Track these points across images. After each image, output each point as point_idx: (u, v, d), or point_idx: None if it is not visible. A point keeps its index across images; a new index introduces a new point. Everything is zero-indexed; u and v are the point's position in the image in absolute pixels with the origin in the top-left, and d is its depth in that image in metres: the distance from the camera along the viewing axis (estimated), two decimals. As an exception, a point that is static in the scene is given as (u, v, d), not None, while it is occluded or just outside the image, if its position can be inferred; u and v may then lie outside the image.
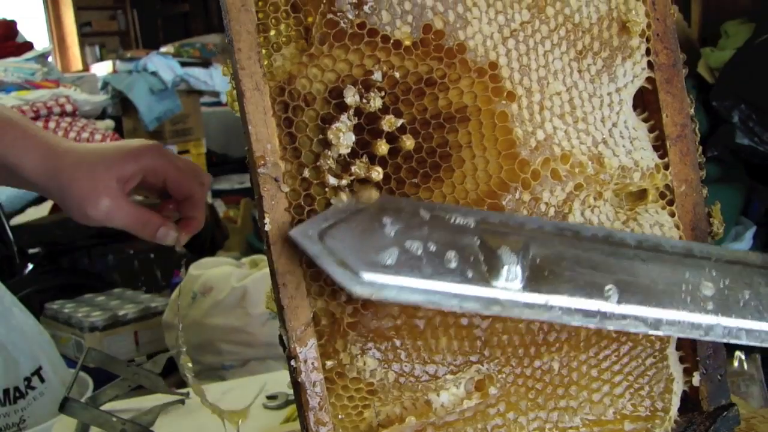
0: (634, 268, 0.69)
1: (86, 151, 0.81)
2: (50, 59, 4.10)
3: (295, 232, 0.62)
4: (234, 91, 0.69)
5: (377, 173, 0.67)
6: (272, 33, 0.68)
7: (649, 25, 0.78)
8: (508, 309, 0.64)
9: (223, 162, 4.99)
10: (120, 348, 2.29)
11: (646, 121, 0.80)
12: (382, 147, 0.68)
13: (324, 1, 0.67)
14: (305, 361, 0.66)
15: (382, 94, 0.68)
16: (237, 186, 4.83)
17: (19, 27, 3.75)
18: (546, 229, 0.68)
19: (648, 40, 0.79)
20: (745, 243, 2.71)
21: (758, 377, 1.86)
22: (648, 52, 0.79)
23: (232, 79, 0.69)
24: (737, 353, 1.87)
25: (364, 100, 0.68)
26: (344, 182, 0.67)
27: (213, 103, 5.03)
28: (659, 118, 0.79)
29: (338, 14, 0.67)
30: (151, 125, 4.33)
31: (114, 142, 1.00)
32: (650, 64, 0.79)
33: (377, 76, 0.68)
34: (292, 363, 0.66)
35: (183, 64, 4.61)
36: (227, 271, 2.13)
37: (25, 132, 0.81)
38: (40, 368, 1.62)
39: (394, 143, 0.69)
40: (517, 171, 0.71)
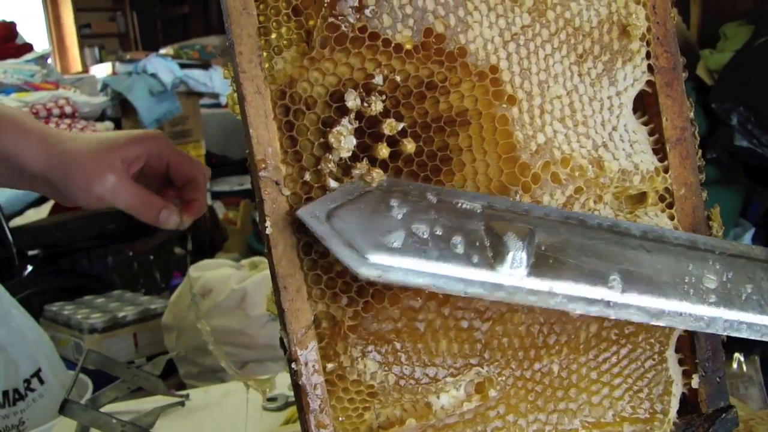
0: (638, 258, 0.70)
1: (89, 137, 0.82)
2: (50, 61, 4.09)
3: (302, 212, 0.62)
4: (235, 94, 0.69)
5: (378, 175, 0.67)
6: (273, 36, 0.68)
7: (649, 29, 0.79)
8: (512, 295, 0.64)
9: (223, 164, 4.97)
10: (119, 350, 2.29)
11: (646, 124, 0.80)
12: (383, 150, 0.68)
13: (325, 5, 0.67)
14: (306, 364, 0.66)
15: (383, 97, 0.69)
16: (236, 188, 4.83)
17: (19, 28, 3.75)
18: (552, 217, 0.69)
19: (648, 43, 0.79)
20: (744, 245, 2.71)
21: (757, 379, 1.86)
22: (648, 56, 0.79)
23: (233, 82, 0.69)
24: (736, 355, 1.87)
25: (365, 104, 0.68)
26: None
27: (212, 105, 5.02)
28: (659, 122, 0.79)
29: (339, 18, 0.68)
30: (150, 127, 4.30)
31: (117, 131, 1.01)
32: (650, 68, 0.79)
33: (378, 79, 0.69)
34: (293, 366, 0.66)
35: (182, 66, 4.60)
36: (227, 273, 2.13)
37: (25, 125, 0.82)
38: (40, 370, 1.62)
39: (395, 147, 0.69)
40: (517, 174, 0.71)
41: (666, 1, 0.79)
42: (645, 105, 0.81)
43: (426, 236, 0.62)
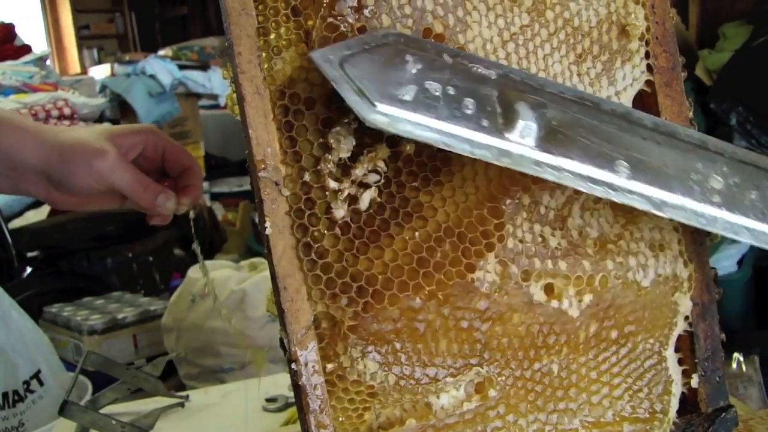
0: (647, 147, 0.69)
1: (86, 128, 0.83)
2: (48, 62, 4.08)
3: (315, 54, 0.61)
4: (234, 95, 0.69)
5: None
6: (272, 36, 0.68)
7: (648, 29, 0.79)
8: (518, 162, 0.63)
9: (222, 165, 4.98)
10: (119, 351, 2.29)
11: (645, 124, 0.80)
12: (383, 151, 0.68)
13: (324, 5, 0.67)
14: (306, 364, 0.66)
15: (383, 97, 0.68)
16: (235, 189, 4.83)
17: (17, 30, 3.75)
18: (566, 95, 0.68)
19: (647, 43, 0.79)
20: (743, 245, 2.72)
21: (756, 379, 1.86)
22: (647, 56, 0.79)
23: (232, 83, 0.69)
24: (735, 355, 1.87)
25: (365, 104, 0.68)
26: (345, 185, 0.67)
27: (211, 106, 5.02)
28: (658, 121, 0.79)
29: (338, 18, 0.68)
30: (149, 128, 4.31)
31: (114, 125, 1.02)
32: (649, 68, 0.79)
33: (377, 80, 0.68)
34: (293, 366, 0.66)
35: (181, 67, 4.61)
36: (226, 274, 2.13)
37: (22, 123, 0.83)
38: (39, 372, 1.62)
39: (395, 147, 0.69)
40: (517, 175, 0.71)
41: (665, 1, 0.79)
42: (644, 105, 0.80)
43: (438, 93, 0.61)
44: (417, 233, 0.69)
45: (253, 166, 0.66)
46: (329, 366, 0.68)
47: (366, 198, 0.68)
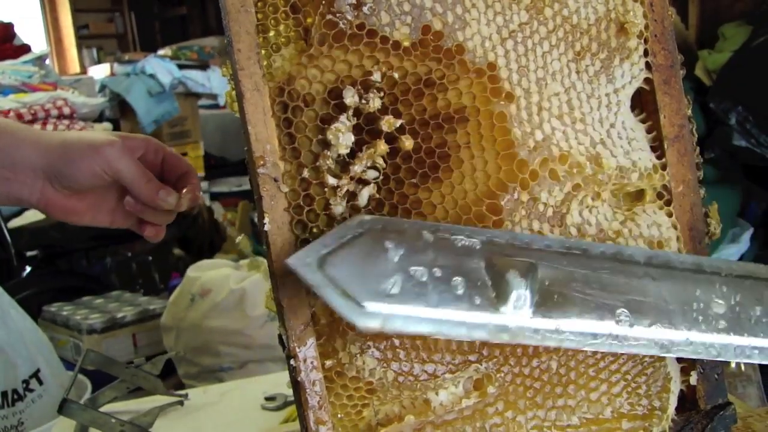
0: (644, 287, 0.69)
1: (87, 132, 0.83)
2: (48, 62, 4.08)
3: (293, 261, 0.58)
4: (233, 92, 0.69)
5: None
6: (272, 34, 0.68)
7: (647, 27, 0.79)
8: (518, 336, 0.62)
9: (221, 165, 4.97)
10: (118, 350, 2.29)
11: (643, 121, 0.80)
12: (381, 147, 0.68)
13: (323, 2, 0.68)
14: (304, 360, 0.66)
15: (381, 94, 0.69)
16: (235, 189, 4.82)
17: (17, 29, 3.74)
18: (554, 248, 0.67)
19: (646, 41, 0.79)
20: (743, 245, 2.72)
21: (755, 378, 1.86)
22: (646, 54, 0.79)
23: (231, 80, 0.69)
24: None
25: (364, 101, 0.68)
26: (344, 181, 0.67)
27: (211, 106, 5.01)
28: (657, 119, 0.80)
29: (337, 15, 0.68)
30: (148, 128, 4.31)
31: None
32: (648, 65, 0.79)
33: (376, 76, 0.69)
34: (292, 362, 0.66)
35: (181, 67, 4.60)
36: (225, 273, 2.13)
37: (21, 127, 0.83)
38: (39, 371, 1.62)
39: (393, 144, 0.69)
40: (515, 171, 0.71)
41: (663, -1, 0.79)
42: (643, 102, 0.81)
43: (425, 279, 0.59)
44: (416, 230, 0.69)
45: (252, 162, 0.66)
46: (328, 362, 0.68)
47: (365, 194, 0.68)
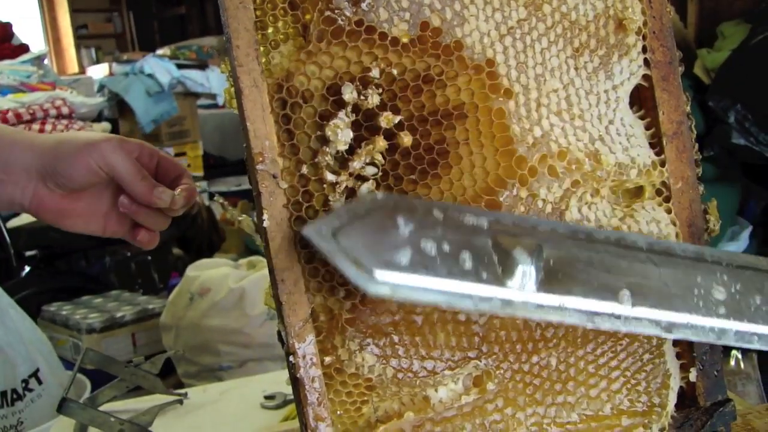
0: (646, 271, 0.69)
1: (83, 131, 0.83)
2: (46, 62, 4.07)
3: (308, 230, 0.60)
4: (232, 89, 0.69)
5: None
6: (270, 30, 0.68)
7: (645, 23, 0.79)
8: (522, 310, 0.63)
9: (220, 164, 4.98)
10: (118, 350, 2.29)
11: (642, 118, 0.80)
12: (380, 143, 0.68)
13: (321, -1, 0.68)
14: (304, 357, 0.66)
15: (380, 91, 0.69)
16: (234, 188, 4.82)
17: (15, 29, 3.74)
18: (559, 231, 0.68)
19: (644, 37, 0.79)
20: (742, 243, 2.72)
21: (755, 376, 1.86)
22: (644, 50, 0.79)
23: (230, 77, 0.69)
24: (734, 352, 1.87)
25: (362, 97, 0.68)
26: (343, 178, 0.67)
27: (209, 106, 5.02)
28: (656, 116, 0.80)
29: (336, 11, 0.68)
30: (147, 127, 4.32)
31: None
32: (647, 62, 0.79)
33: (375, 73, 0.69)
34: (291, 359, 0.66)
35: (179, 67, 4.60)
36: (225, 272, 2.13)
37: (14, 130, 0.82)
38: (38, 370, 1.62)
39: (392, 140, 0.69)
40: (514, 168, 0.71)
41: (662, -4, 0.79)
42: (641, 99, 0.81)
43: (434, 253, 0.60)
44: (415, 226, 0.69)
45: (251, 158, 0.66)
46: (327, 359, 0.68)
47: (364, 191, 0.68)
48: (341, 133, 0.67)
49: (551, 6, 0.75)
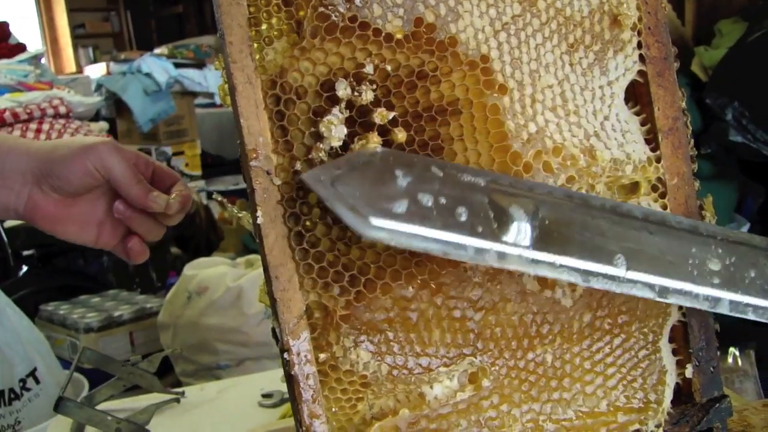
0: (641, 238, 0.69)
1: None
2: (43, 61, 4.06)
3: (307, 176, 0.62)
4: (226, 86, 0.69)
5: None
6: (264, 27, 0.68)
7: (640, 19, 0.79)
8: (517, 263, 0.63)
9: (218, 163, 4.97)
10: (115, 349, 2.29)
11: (637, 114, 0.80)
12: (374, 140, 0.68)
13: (315, -5, 0.67)
14: (298, 354, 0.66)
15: (374, 87, 0.69)
16: (231, 187, 4.81)
17: (12, 28, 3.73)
18: (555, 195, 0.68)
19: (639, 33, 0.79)
20: (739, 240, 2.71)
21: (752, 373, 1.86)
22: (639, 46, 0.79)
23: (224, 74, 0.69)
24: (731, 349, 1.87)
25: (356, 93, 0.68)
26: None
27: (207, 105, 5.01)
28: (651, 111, 0.79)
29: (329, 7, 0.67)
30: (145, 127, 4.31)
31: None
32: (642, 58, 0.79)
33: (369, 69, 0.68)
34: (285, 356, 0.66)
35: (177, 66, 4.59)
36: (222, 271, 2.13)
37: (8, 138, 0.82)
38: (35, 370, 1.62)
39: (386, 136, 0.69)
40: (509, 163, 0.71)
41: (657, -9, 0.79)
42: (637, 95, 0.81)
43: (430, 204, 0.61)
44: (409, 223, 0.69)
45: (245, 155, 0.66)
46: (322, 356, 0.68)
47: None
48: (335, 129, 0.67)
49: (546, 2, 0.74)
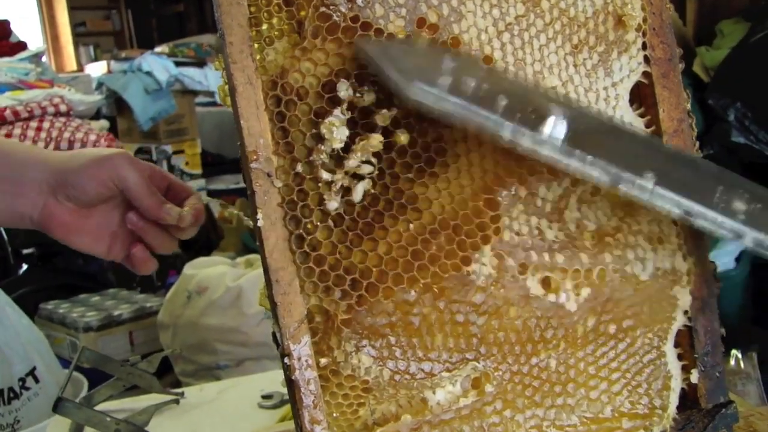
0: (670, 165, 0.69)
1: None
2: (44, 59, 4.06)
3: (358, 40, 0.63)
4: (226, 86, 0.68)
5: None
6: (264, 27, 0.67)
7: (645, 19, 0.78)
8: (551, 150, 0.63)
9: (218, 162, 4.97)
10: (115, 348, 2.29)
11: (642, 116, 0.79)
12: (374, 140, 0.67)
13: (317, -6, 0.67)
14: (299, 359, 0.65)
15: (376, 88, 0.68)
16: (232, 186, 4.82)
17: (13, 27, 3.73)
18: (589, 114, 0.70)
19: (644, 34, 0.78)
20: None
21: (755, 376, 1.85)
22: (644, 47, 0.78)
23: (224, 74, 0.68)
24: (733, 352, 1.87)
25: (358, 94, 0.67)
26: (338, 176, 0.66)
27: (208, 103, 5.00)
28: (656, 113, 0.78)
29: (331, 7, 0.67)
30: (145, 125, 4.31)
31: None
32: (646, 59, 0.78)
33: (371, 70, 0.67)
34: (286, 360, 0.65)
35: (178, 64, 4.59)
36: (222, 271, 2.12)
37: (27, 149, 0.85)
38: (35, 369, 1.61)
39: (389, 138, 0.68)
40: (513, 166, 0.71)
41: (662, -9, 0.78)
42: (641, 97, 0.80)
43: (473, 85, 0.61)
44: (412, 225, 0.68)
45: (245, 157, 0.65)
46: (323, 360, 0.67)
47: (360, 189, 0.67)
48: (337, 130, 0.66)
49: (549, 2, 0.74)
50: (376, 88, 0.68)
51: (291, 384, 0.66)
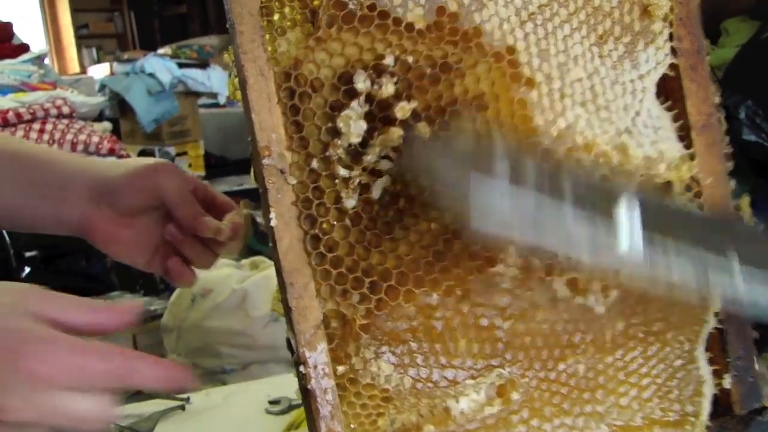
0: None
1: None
2: (47, 61, 4.07)
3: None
4: (236, 80, 0.66)
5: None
6: (276, 17, 0.66)
7: (671, 9, 0.76)
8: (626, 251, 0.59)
9: (222, 164, 4.99)
10: (118, 352, 2.27)
11: (669, 110, 0.77)
12: (394, 133, 0.65)
13: (331, -19, 0.64)
14: (315, 367, 0.63)
15: (395, 79, 0.66)
16: (236, 188, 4.82)
17: (16, 29, 3.73)
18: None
19: (671, 24, 0.76)
20: (753, 241, 2.70)
21: (786, 380, 1.83)
22: (671, 38, 0.76)
23: (233, 67, 0.66)
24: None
25: (376, 86, 0.65)
26: (356, 173, 0.64)
27: (211, 105, 5.04)
28: (683, 107, 0.76)
29: (347, -5, 0.64)
30: (148, 127, 4.34)
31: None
32: (673, 51, 0.76)
33: (389, 60, 0.66)
34: (301, 369, 0.63)
35: (180, 66, 4.63)
36: (227, 273, 2.11)
37: (71, 157, 0.87)
38: (36, 373, 1.59)
39: (408, 130, 0.66)
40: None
41: (689, -21, 0.76)
42: (668, 89, 0.77)
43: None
44: (433, 225, 0.66)
45: (257, 153, 0.63)
46: (340, 368, 0.65)
47: (379, 186, 0.66)
48: (354, 124, 0.64)
49: (574, -10, 0.71)
50: (395, 80, 0.65)
51: (306, 393, 0.64)
